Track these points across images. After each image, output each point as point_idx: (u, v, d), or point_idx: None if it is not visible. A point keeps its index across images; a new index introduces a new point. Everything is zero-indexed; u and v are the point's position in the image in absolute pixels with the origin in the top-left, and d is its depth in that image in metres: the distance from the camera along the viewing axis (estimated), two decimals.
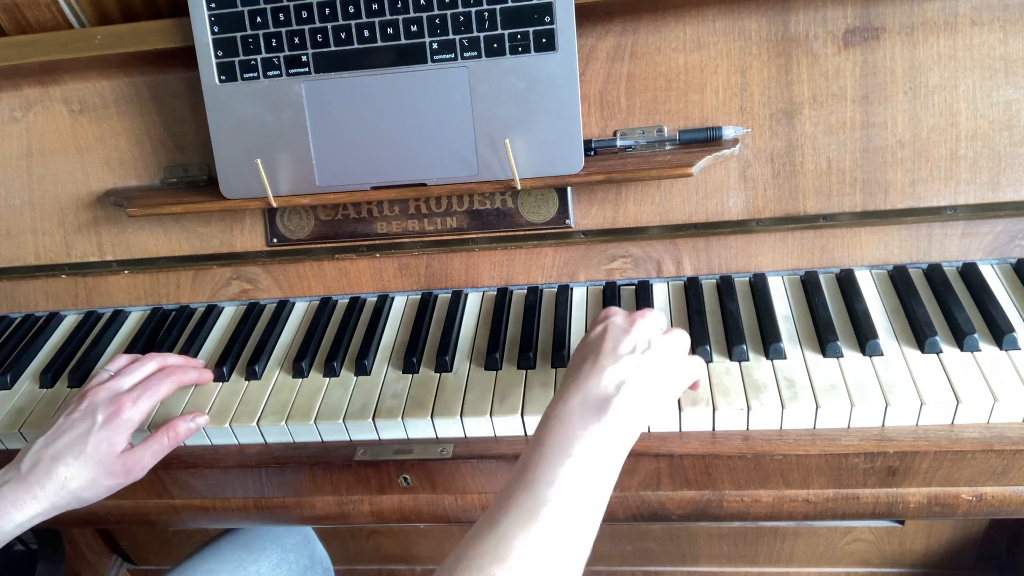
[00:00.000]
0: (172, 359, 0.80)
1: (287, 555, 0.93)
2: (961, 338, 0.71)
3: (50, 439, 0.69)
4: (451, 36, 0.79)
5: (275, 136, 0.84)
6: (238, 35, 0.82)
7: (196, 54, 0.83)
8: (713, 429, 0.71)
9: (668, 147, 0.82)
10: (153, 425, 0.78)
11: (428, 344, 0.83)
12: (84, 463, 0.68)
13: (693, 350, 0.75)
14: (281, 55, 0.81)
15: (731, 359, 0.74)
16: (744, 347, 0.74)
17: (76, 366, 0.88)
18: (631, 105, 0.83)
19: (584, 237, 0.86)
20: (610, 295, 0.83)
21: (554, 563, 0.51)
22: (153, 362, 0.77)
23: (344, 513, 0.80)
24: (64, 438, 0.69)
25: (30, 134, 0.94)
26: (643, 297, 0.82)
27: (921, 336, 0.72)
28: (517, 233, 0.87)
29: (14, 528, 0.66)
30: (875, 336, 0.73)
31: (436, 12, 0.78)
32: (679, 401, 0.70)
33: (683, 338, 0.67)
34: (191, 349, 0.87)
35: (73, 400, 0.73)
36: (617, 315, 0.67)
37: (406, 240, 0.89)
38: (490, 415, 0.73)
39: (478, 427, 0.74)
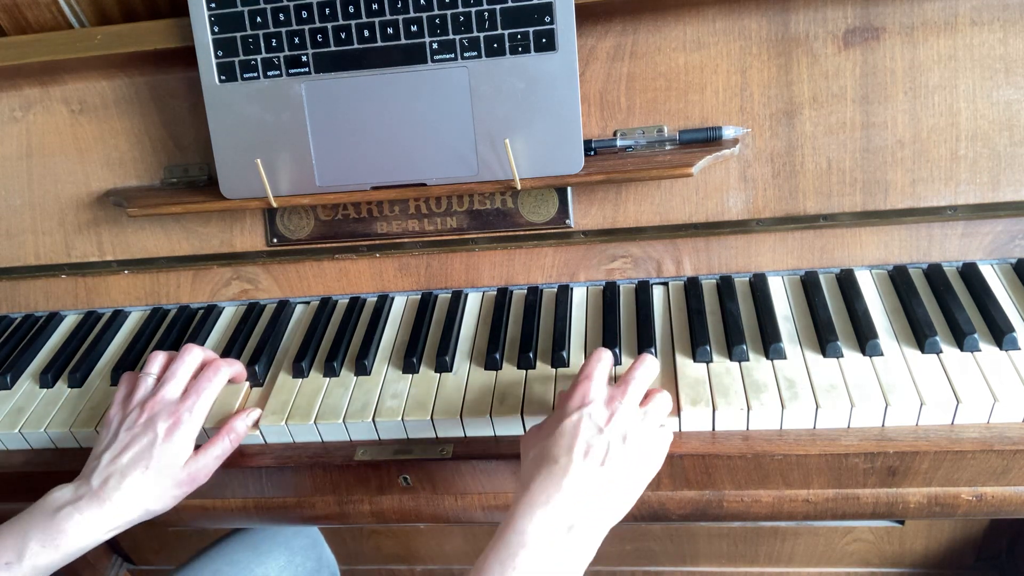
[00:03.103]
0: (209, 352, 0.79)
1: (294, 558, 0.93)
2: (961, 338, 0.71)
3: (115, 453, 0.69)
4: (451, 36, 0.79)
5: (275, 136, 0.84)
6: (238, 35, 0.82)
7: (196, 54, 0.83)
8: (713, 429, 0.71)
9: (668, 147, 0.82)
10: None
11: (428, 344, 0.83)
12: (152, 476, 0.68)
13: (693, 350, 0.75)
14: (281, 55, 0.81)
15: (731, 359, 0.74)
16: (744, 347, 0.74)
17: (76, 366, 0.88)
18: (631, 105, 0.83)
19: (584, 237, 0.86)
20: (610, 295, 0.83)
21: None
22: (192, 356, 0.76)
23: (344, 513, 0.80)
24: (129, 452, 0.69)
25: (30, 134, 0.94)
26: (643, 298, 0.82)
27: (921, 336, 0.72)
28: (517, 233, 0.87)
29: (89, 544, 0.66)
30: (875, 336, 0.73)
31: (436, 12, 0.78)
32: (679, 401, 0.70)
33: (662, 412, 0.67)
34: None
35: (132, 411, 0.72)
36: (595, 402, 0.64)
37: (406, 240, 0.89)
38: (490, 415, 0.73)
39: (478, 427, 0.74)
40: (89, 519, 0.66)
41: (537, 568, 0.55)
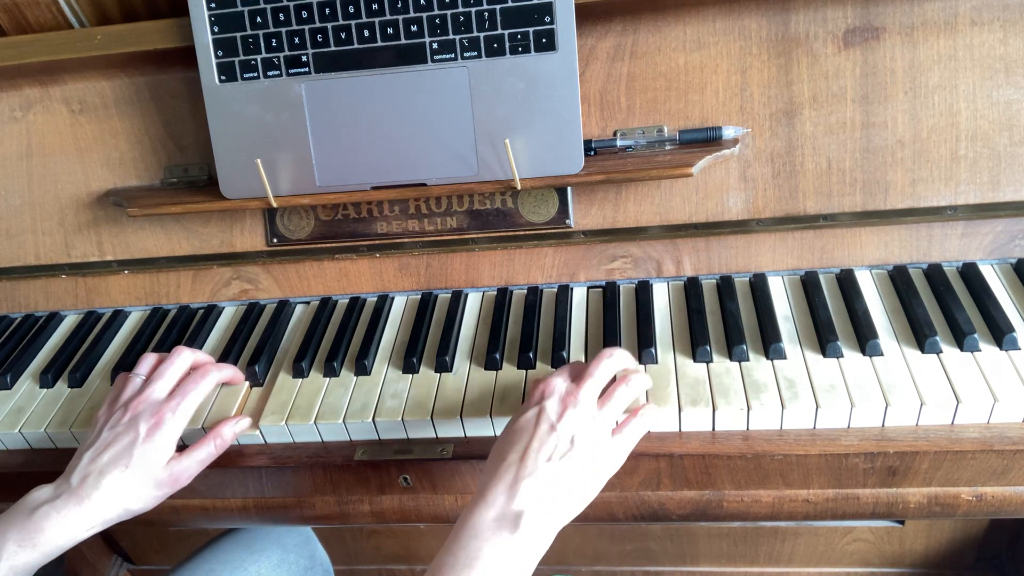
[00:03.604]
0: (201, 355, 0.79)
1: (287, 555, 0.93)
2: (961, 338, 0.71)
3: (96, 452, 0.69)
4: (451, 36, 0.79)
5: (275, 136, 0.84)
6: (238, 35, 0.81)
7: (196, 54, 0.83)
8: (713, 429, 0.71)
9: (668, 147, 0.82)
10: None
11: (428, 344, 0.83)
12: (132, 476, 0.68)
13: (693, 350, 0.75)
14: (281, 55, 0.81)
15: (731, 359, 0.74)
16: (744, 347, 0.74)
17: (76, 366, 0.88)
18: (631, 105, 0.83)
19: (584, 237, 0.86)
20: (610, 295, 0.83)
21: None
22: (182, 358, 0.76)
23: (344, 513, 0.80)
24: (110, 451, 0.69)
25: (30, 134, 0.94)
26: (643, 298, 0.82)
27: (921, 336, 0.72)
28: (517, 233, 0.87)
29: (67, 543, 0.66)
30: (875, 336, 0.73)
31: (436, 12, 0.78)
32: (679, 401, 0.70)
33: (618, 408, 0.67)
34: None
35: (117, 410, 0.72)
36: (552, 397, 0.65)
37: (406, 240, 0.89)
38: (490, 415, 0.73)
39: (478, 427, 0.74)
40: (67, 518, 0.66)
41: (488, 564, 0.57)
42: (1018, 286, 0.77)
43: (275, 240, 0.91)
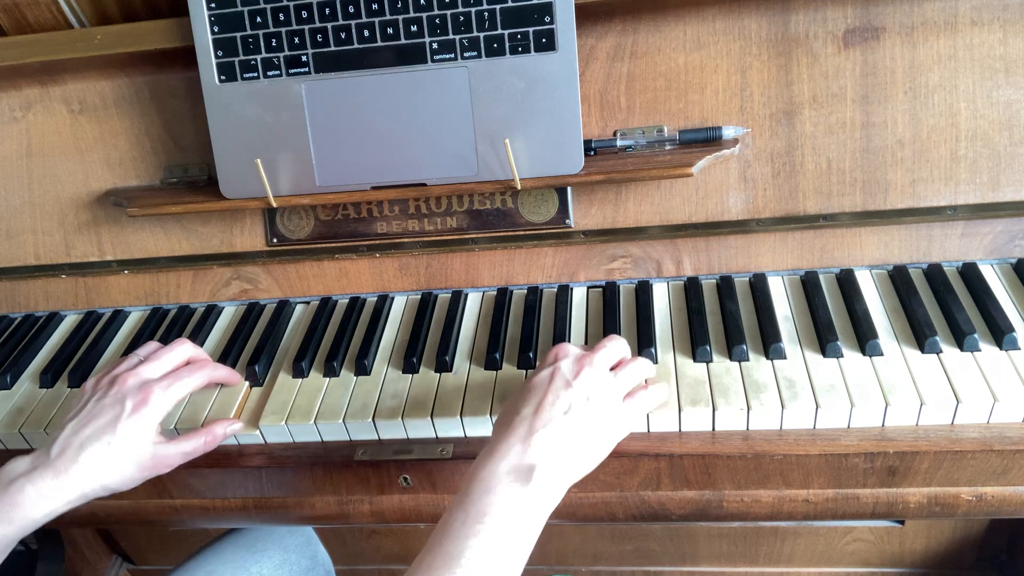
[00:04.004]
0: (201, 352, 0.78)
1: (289, 556, 0.93)
2: (961, 338, 0.71)
3: (79, 425, 0.67)
4: (451, 36, 0.79)
5: (275, 136, 0.84)
6: (238, 35, 0.82)
7: (196, 54, 0.83)
8: (713, 429, 0.71)
9: (668, 147, 0.82)
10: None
11: (428, 344, 0.83)
12: (113, 451, 0.66)
13: (693, 350, 0.75)
14: (281, 55, 0.81)
15: (731, 359, 0.74)
16: (744, 347, 0.74)
17: (76, 366, 0.88)
18: (631, 105, 0.83)
19: (584, 237, 0.86)
20: (610, 295, 0.83)
21: None
22: (182, 348, 0.76)
23: (344, 513, 0.80)
24: (93, 424, 0.67)
25: (30, 134, 0.94)
26: (643, 298, 0.82)
27: (921, 336, 0.72)
28: (517, 233, 0.87)
29: (44, 516, 0.65)
30: (875, 336, 0.73)
31: (436, 12, 0.78)
32: (679, 401, 0.70)
33: (630, 379, 0.67)
34: None
35: (103, 384, 0.71)
36: (567, 359, 0.66)
37: (406, 240, 0.89)
38: (490, 415, 0.73)
39: (478, 427, 0.74)
40: (43, 490, 0.64)
41: (501, 516, 0.56)
42: (1018, 286, 0.77)
43: (275, 240, 0.91)
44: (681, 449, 0.70)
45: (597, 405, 0.63)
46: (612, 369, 0.68)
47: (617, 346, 0.69)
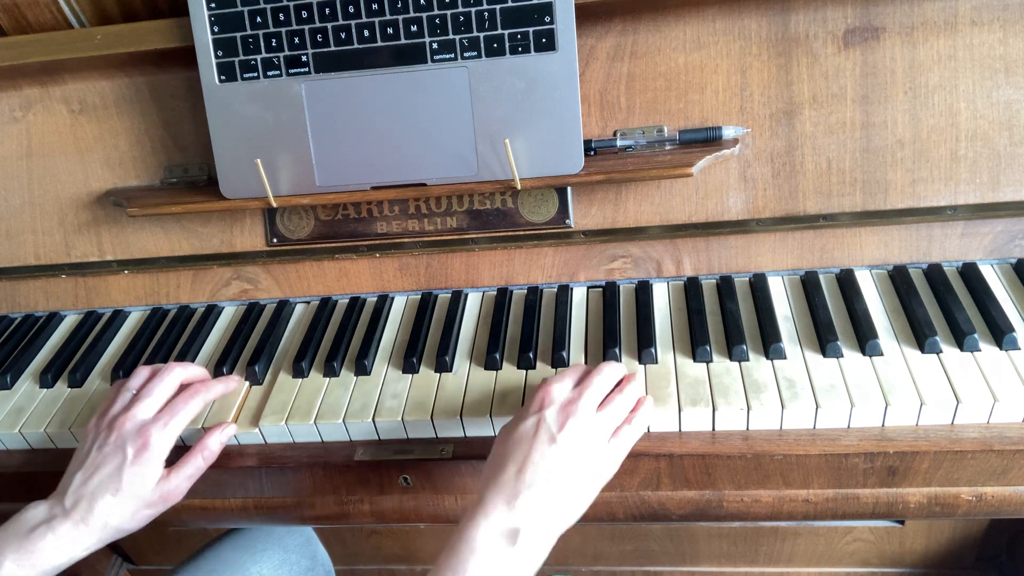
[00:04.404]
0: (193, 370, 0.78)
1: (289, 556, 0.93)
2: (961, 338, 0.71)
3: (86, 476, 0.69)
4: (451, 36, 0.79)
5: (275, 136, 0.84)
6: (238, 35, 0.81)
7: (196, 54, 0.83)
8: (713, 429, 0.71)
9: (668, 147, 0.82)
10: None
11: (428, 344, 0.83)
12: (122, 499, 0.68)
13: (693, 350, 0.75)
14: (281, 55, 0.81)
15: (731, 359, 0.74)
16: (744, 347, 0.74)
17: (76, 366, 0.88)
18: (631, 105, 0.83)
19: (584, 237, 0.86)
20: (610, 295, 0.83)
21: None
22: (173, 375, 0.75)
23: (344, 513, 0.80)
24: (99, 474, 0.68)
25: (30, 134, 0.94)
26: (643, 298, 0.82)
27: (921, 336, 0.72)
28: (517, 233, 0.87)
29: (65, 562, 0.67)
30: (875, 336, 0.73)
31: (436, 12, 0.78)
32: (679, 401, 0.70)
33: (618, 416, 0.67)
34: (191, 349, 0.87)
35: (103, 429, 0.71)
36: (551, 407, 0.64)
37: (406, 240, 0.89)
38: (490, 415, 0.73)
39: (478, 427, 0.74)
40: (63, 539, 0.66)
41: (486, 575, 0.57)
42: (1018, 286, 0.77)
43: (275, 240, 0.91)
44: (681, 449, 0.70)
45: (582, 460, 0.62)
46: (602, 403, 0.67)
47: (606, 379, 0.68)
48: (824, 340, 0.74)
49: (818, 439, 0.68)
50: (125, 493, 0.68)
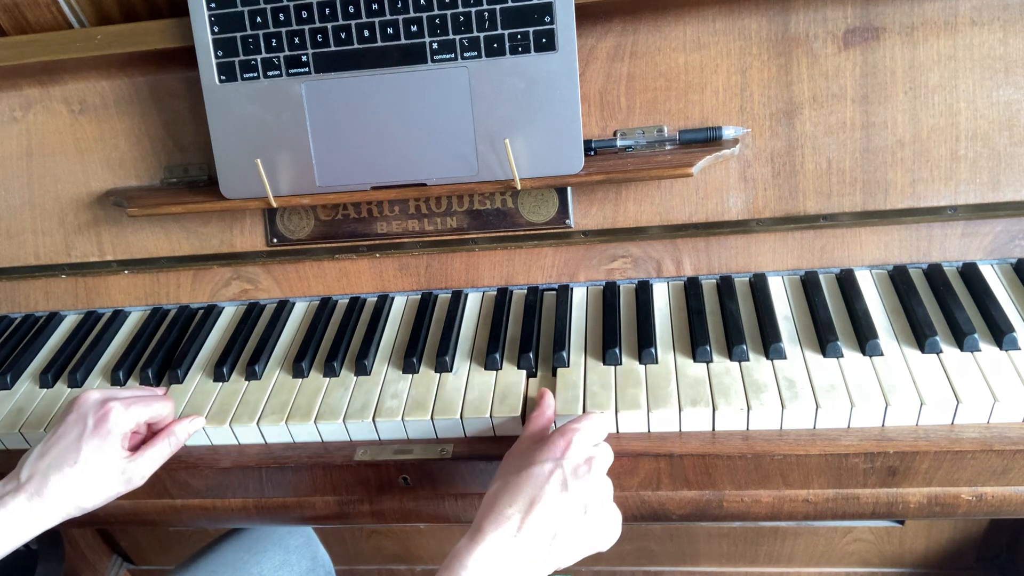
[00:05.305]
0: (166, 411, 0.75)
1: (289, 557, 0.93)
2: (961, 338, 0.71)
3: (45, 448, 0.68)
4: (451, 36, 0.79)
5: (275, 136, 0.84)
6: (238, 35, 0.82)
7: (196, 54, 0.83)
8: (713, 429, 0.71)
9: (668, 147, 0.82)
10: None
11: (428, 344, 0.83)
12: (79, 472, 0.66)
13: (693, 350, 0.75)
14: (281, 55, 0.81)
15: (731, 359, 0.74)
16: (744, 347, 0.74)
17: (76, 366, 0.88)
18: (631, 105, 0.83)
19: (584, 237, 0.86)
20: (610, 295, 0.83)
21: None
22: (160, 404, 0.74)
23: (344, 513, 0.80)
24: (58, 447, 0.67)
25: (30, 134, 0.94)
26: (643, 298, 0.82)
27: (921, 336, 0.72)
28: (517, 233, 0.87)
29: (20, 540, 0.65)
30: (875, 336, 0.73)
31: (436, 12, 0.78)
32: (679, 401, 0.70)
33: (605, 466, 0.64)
34: (191, 349, 0.87)
35: (72, 410, 0.71)
36: (570, 459, 0.61)
37: (406, 240, 0.89)
38: (490, 415, 0.73)
39: (478, 427, 0.74)
40: (17, 516, 0.64)
41: None
42: (1018, 286, 0.77)
43: (275, 240, 0.91)
44: (681, 449, 0.70)
45: (592, 519, 0.60)
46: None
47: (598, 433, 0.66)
48: (824, 340, 0.74)
49: (818, 439, 0.68)
50: (82, 465, 0.66)
